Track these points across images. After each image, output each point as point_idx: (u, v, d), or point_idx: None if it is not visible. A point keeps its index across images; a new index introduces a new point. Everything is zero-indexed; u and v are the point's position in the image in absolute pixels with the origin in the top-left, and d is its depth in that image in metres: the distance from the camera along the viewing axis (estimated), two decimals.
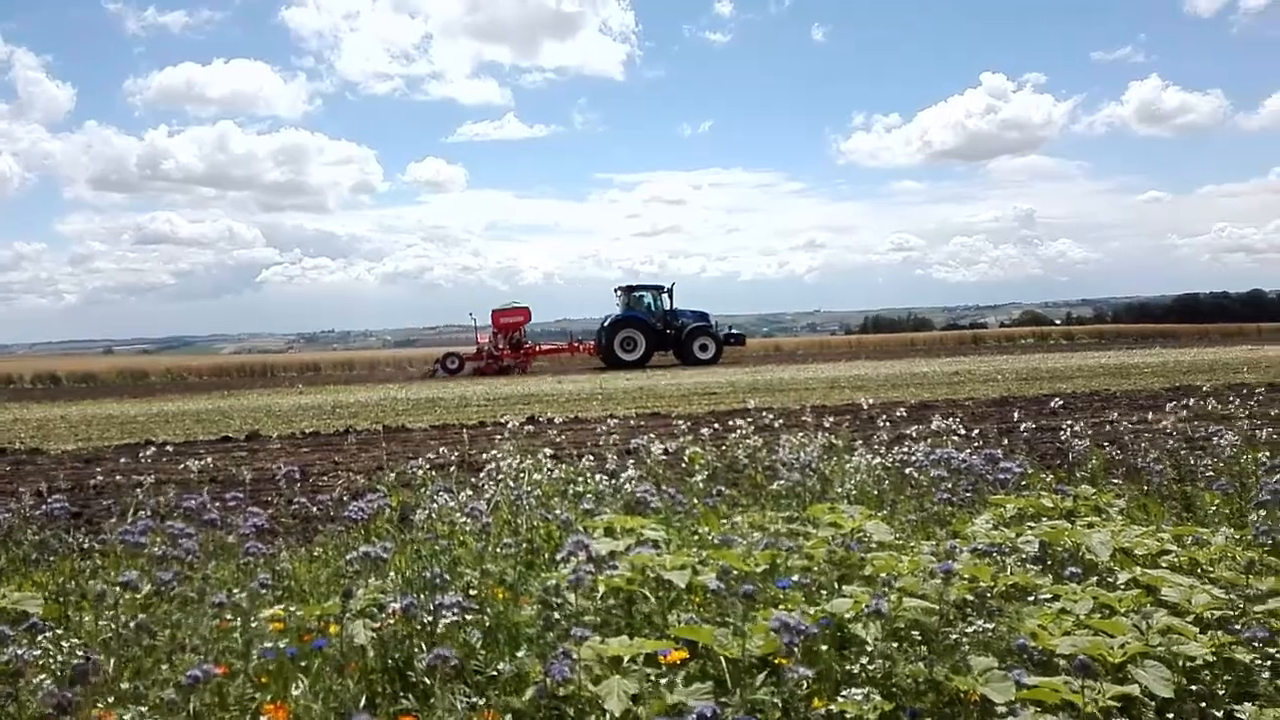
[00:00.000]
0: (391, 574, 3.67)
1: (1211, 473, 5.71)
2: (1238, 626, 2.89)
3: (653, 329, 38.06)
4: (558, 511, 4.29)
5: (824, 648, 2.73)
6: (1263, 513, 4.48)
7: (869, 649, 2.71)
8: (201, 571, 3.64)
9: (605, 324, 38.41)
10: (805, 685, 2.55)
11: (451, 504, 4.32)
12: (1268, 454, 6.30)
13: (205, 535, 3.82)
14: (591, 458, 5.71)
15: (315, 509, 5.27)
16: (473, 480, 5.27)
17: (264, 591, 3.79)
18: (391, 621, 3.08)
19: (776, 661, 2.80)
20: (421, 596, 3.28)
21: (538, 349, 40.09)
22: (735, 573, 3.30)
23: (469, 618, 3.17)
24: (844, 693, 2.48)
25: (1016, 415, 8.77)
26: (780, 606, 3.20)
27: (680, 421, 8.11)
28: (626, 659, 2.66)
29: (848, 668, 2.69)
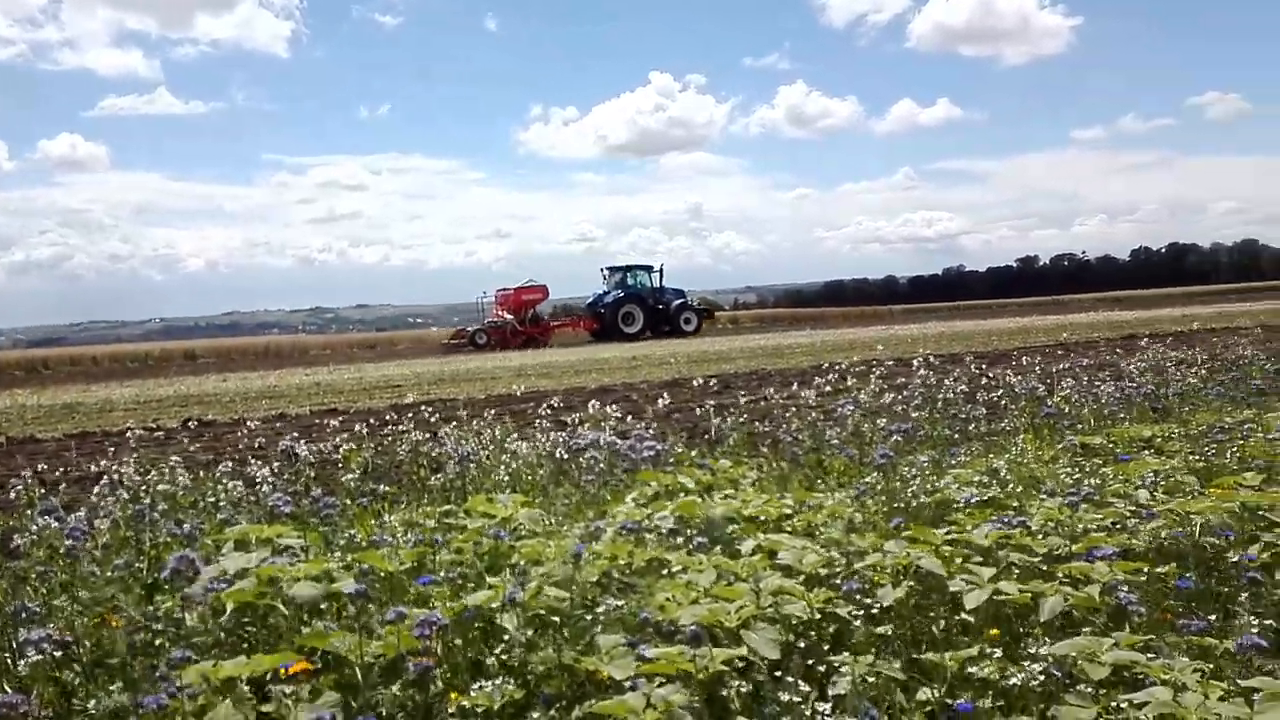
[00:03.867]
0: None
1: (837, 441, 6.31)
2: (838, 581, 3.19)
3: (647, 304, 42.38)
4: (187, 525, 3.92)
5: (458, 642, 2.68)
6: (877, 475, 5.02)
7: (506, 638, 2.70)
8: None
9: (606, 300, 42.22)
10: (438, 682, 2.50)
11: (57, 524, 3.81)
12: (884, 421, 7.09)
13: None
14: (231, 462, 5.30)
15: None
16: (92, 495, 4.70)
17: None
18: None
19: (415, 660, 2.72)
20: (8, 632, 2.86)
21: (553, 324, 43.19)
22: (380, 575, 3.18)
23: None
24: (476, 685, 2.45)
25: (663, 399, 9.24)
26: (429, 604, 3.12)
27: (336, 419, 7.77)
28: (244, 678, 2.46)
29: (484, 659, 2.67)
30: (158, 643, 2.63)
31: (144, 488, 4.72)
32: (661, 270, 44.62)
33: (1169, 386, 8.35)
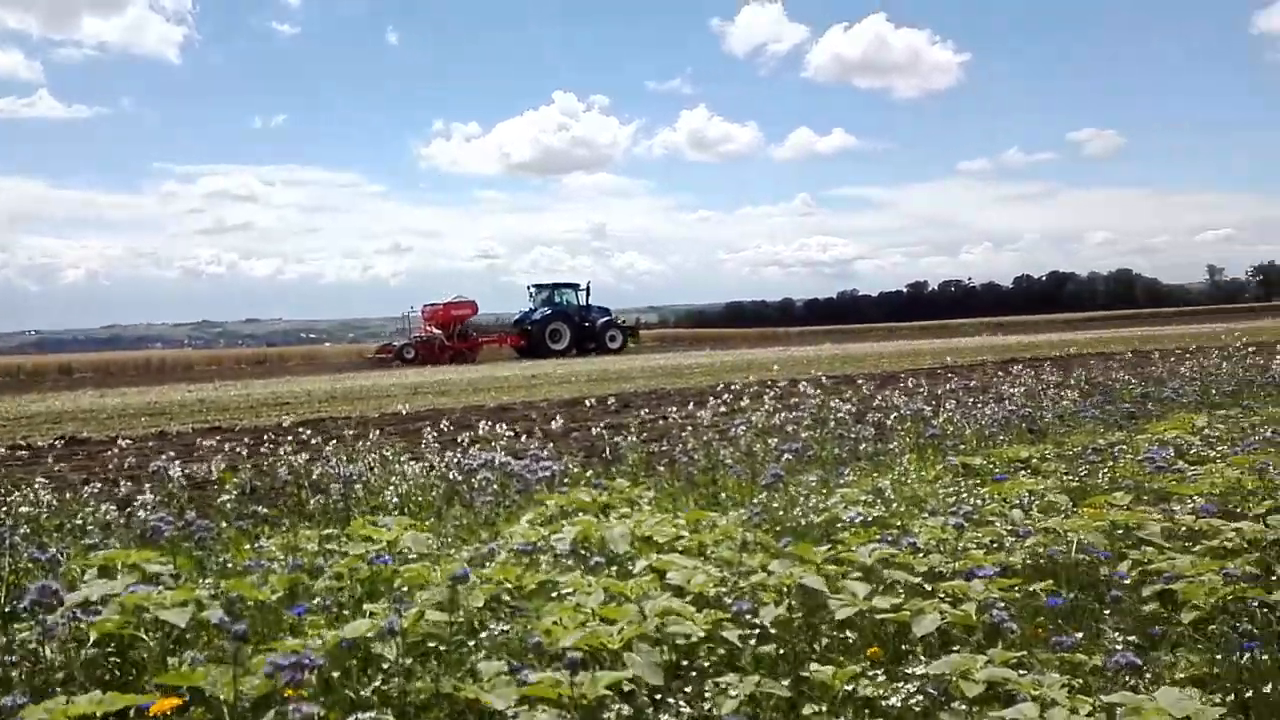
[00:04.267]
0: None
1: (730, 460, 6.37)
2: (729, 601, 3.20)
3: (574, 322, 42.89)
4: (51, 549, 3.70)
5: (335, 675, 2.59)
6: (765, 495, 5.08)
7: (386, 667, 2.62)
8: None
9: (534, 317, 42.46)
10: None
11: None
12: (777, 441, 7.19)
13: None
14: (102, 483, 5.05)
15: None
16: None
17: None
18: None
19: (288, 694, 2.62)
20: None
21: (481, 340, 42.75)
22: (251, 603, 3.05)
23: None
24: (352, 718, 2.36)
25: (561, 418, 9.23)
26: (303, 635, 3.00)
27: (217, 439, 7.50)
28: (99, 716, 2.32)
29: (361, 692, 2.58)
30: (14, 675, 2.46)
31: (4, 509, 4.45)
32: (588, 288, 45.29)
33: (1045, 409, 8.69)
